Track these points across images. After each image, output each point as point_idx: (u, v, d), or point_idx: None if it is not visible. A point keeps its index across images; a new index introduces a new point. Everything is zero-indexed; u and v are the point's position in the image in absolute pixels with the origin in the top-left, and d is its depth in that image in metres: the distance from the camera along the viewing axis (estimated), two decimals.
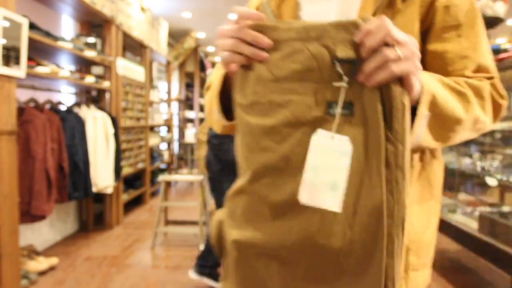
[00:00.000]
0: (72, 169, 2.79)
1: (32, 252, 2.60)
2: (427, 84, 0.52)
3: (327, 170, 0.48)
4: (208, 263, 2.37)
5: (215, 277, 2.36)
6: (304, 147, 0.49)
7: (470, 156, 2.82)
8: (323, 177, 0.48)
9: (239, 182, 0.56)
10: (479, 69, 0.62)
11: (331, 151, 0.48)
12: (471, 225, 2.31)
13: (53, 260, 2.64)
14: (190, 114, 8.03)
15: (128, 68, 3.99)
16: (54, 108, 2.83)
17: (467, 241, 2.27)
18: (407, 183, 0.47)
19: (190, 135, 6.69)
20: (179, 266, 2.74)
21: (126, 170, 4.01)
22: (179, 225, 3.61)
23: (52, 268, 2.63)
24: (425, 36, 0.63)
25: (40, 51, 2.71)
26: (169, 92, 6.27)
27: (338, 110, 0.48)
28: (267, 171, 0.52)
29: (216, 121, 0.67)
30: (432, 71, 0.58)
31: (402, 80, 0.47)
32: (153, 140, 5.08)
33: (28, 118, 2.42)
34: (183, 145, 7.17)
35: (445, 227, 2.48)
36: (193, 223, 3.61)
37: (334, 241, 0.48)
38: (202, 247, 2.97)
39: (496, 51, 2.31)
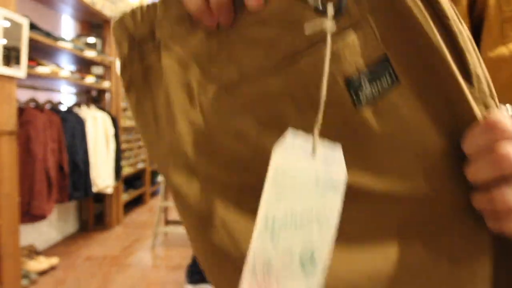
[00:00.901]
0: (72, 169, 2.79)
1: (32, 252, 2.61)
2: None
3: (297, 226, 0.22)
4: (198, 268, 2.37)
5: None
6: None
7: None
8: (289, 243, 0.22)
9: None
10: None
11: (308, 184, 0.22)
12: None
13: (54, 260, 2.64)
14: None
15: None
16: (54, 108, 2.84)
17: None
18: None
19: None
20: (179, 266, 2.74)
21: (126, 170, 4.01)
22: (179, 225, 3.60)
23: (52, 268, 2.63)
24: (476, 36, 0.41)
25: (41, 51, 2.72)
26: None
27: (323, 93, 0.22)
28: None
29: None
30: (499, 84, 0.40)
31: None
32: None
33: (29, 118, 2.43)
34: None
35: None
36: None
37: None
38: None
39: None
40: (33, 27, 2.40)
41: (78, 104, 3.20)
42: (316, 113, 0.23)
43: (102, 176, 3.16)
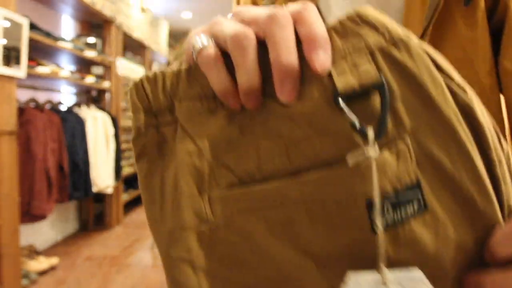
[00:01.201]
0: (72, 169, 2.80)
1: (32, 252, 2.61)
2: None
3: None
4: None
5: None
6: None
7: None
8: None
9: None
10: None
11: None
12: None
13: (54, 260, 2.65)
14: None
15: (128, 68, 3.99)
16: (55, 108, 2.84)
17: None
18: None
19: None
20: None
21: (126, 170, 4.01)
22: None
23: (52, 268, 2.63)
24: (496, 41, 0.38)
25: (41, 51, 2.72)
26: None
27: (376, 210, 0.21)
28: None
29: None
30: None
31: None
32: None
33: (29, 118, 2.43)
34: None
35: None
36: None
37: None
38: None
39: None
40: (33, 27, 2.40)
41: (78, 104, 3.20)
42: (333, 231, 0.23)
43: (102, 176, 3.16)
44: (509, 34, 0.36)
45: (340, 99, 0.22)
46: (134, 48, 4.81)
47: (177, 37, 7.22)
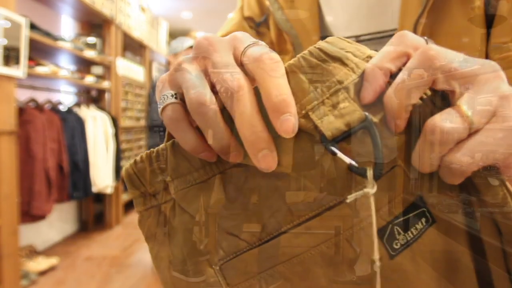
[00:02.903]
0: (72, 169, 2.79)
1: (32, 252, 2.61)
2: None
3: None
4: None
5: None
6: None
7: None
8: None
9: None
10: None
11: None
12: None
13: (53, 260, 2.64)
14: None
15: (128, 68, 3.99)
16: (54, 108, 2.84)
17: None
18: None
19: None
20: None
21: None
22: None
23: (52, 268, 2.63)
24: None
25: (40, 51, 2.71)
26: None
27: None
28: None
29: None
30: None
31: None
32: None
33: (28, 118, 2.42)
34: None
35: None
36: None
37: None
38: None
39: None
40: (32, 27, 2.39)
41: (78, 104, 3.20)
42: (350, 267, 0.23)
43: (102, 176, 3.16)
44: (498, 24, 0.35)
45: (332, 147, 0.22)
46: (134, 48, 4.81)
47: (177, 37, 7.20)
